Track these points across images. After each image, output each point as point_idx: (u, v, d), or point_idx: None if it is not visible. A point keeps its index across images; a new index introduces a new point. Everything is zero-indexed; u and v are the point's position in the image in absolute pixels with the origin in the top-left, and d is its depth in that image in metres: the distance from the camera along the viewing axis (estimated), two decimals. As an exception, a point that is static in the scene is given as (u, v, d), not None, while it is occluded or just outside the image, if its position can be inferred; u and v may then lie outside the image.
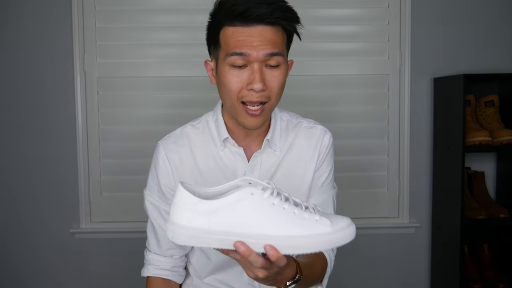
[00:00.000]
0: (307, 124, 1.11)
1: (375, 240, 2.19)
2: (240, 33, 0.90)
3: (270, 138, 1.04)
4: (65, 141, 2.09)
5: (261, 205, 0.71)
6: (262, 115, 0.95)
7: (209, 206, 0.71)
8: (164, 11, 2.08)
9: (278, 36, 0.92)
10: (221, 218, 0.71)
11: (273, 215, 0.71)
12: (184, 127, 1.10)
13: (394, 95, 2.13)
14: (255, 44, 0.89)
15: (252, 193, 0.71)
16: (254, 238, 0.71)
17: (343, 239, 0.74)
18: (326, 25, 2.11)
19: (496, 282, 1.98)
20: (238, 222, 0.71)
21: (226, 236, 0.71)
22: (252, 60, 0.90)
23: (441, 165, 2.08)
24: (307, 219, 0.73)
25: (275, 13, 0.89)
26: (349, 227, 0.75)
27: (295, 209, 0.73)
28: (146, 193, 1.09)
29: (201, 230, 0.71)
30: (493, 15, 2.13)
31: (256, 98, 0.92)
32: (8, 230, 2.12)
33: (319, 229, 0.72)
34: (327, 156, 1.09)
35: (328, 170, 1.10)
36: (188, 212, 0.72)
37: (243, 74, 0.92)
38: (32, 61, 2.07)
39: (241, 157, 1.04)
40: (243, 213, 0.71)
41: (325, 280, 1.02)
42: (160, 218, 1.07)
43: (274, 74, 0.93)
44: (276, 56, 0.91)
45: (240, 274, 1.08)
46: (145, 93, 2.10)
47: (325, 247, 0.73)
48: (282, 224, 0.71)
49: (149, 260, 1.11)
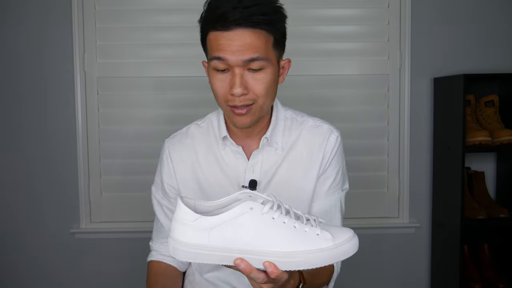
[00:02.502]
0: (313, 122, 1.08)
1: (375, 240, 2.19)
2: (221, 37, 0.88)
3: (269, 136, 1.03)
4: (65, 141, 2.09)
5: (260, 220, 0.70)
6: (249, 114, 0.94)
7: (209, 222, 0.70)
8: (164, 11, 2.08)
9: (259, 39, 0.88)
10: (220, 234, 0.70)
11: (273, 230, 0.70)
12: (190, 126, 1.11)
13: (394, 95, 2.13)
14: (234, 49, 0.87)
15: (252, 208, 0.70)
16: (253, 254, 0.70)
17: (345, 253, 0.72)
18: (326, 25, 2.11)
19: (496, 282, 1.98)
20: (237, 238, 0.70)
21: (226, 252, 0.70)
22: (232, 65, 0.89)
23: (441, 165, 2.08)
24: (308, 233, 0.71)
25: (253, 17, 0.86)
26: (351, 240, 0.73)
27: (295, 223, 0.71)
28: (153, 189, 1.14)
29: (201, 247, 0.71)
30: (493, 15, 2.13)
31: (239, 102, 0.91)
32: (8, 230, 2.12)
33: (320, 244, 0.71)
34: (334, 158, 1.06)
35: (335, 172, 1.07)
36: (188, 228, 0.71)
37: (226, 78, 0.91)
38: (32, 61, 2.07)
39: (241, 156, 1.04)
40: (242, 228, 0.70)
41: (331, 284, 1.03)
42: (162, 214, 1.12)
43: (257, 78, 0.91)
44: (257, 61, 0.89)
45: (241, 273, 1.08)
46: (145, 93, 2.10)
47: (327, 262, 0.71)
48: (282, 239, 0.70)
49: (153, 247, 1.16)
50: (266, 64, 0.91)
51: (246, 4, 0.86)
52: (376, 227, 2.16)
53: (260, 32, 0.89)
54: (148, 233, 1.20)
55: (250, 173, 1.03)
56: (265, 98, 0.94)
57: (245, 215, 0.70)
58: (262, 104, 0.94)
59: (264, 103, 0.95)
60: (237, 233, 0.70)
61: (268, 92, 0.94)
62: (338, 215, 1.08)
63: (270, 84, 0.93)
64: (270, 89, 0.94)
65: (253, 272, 0.71)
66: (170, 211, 1.10)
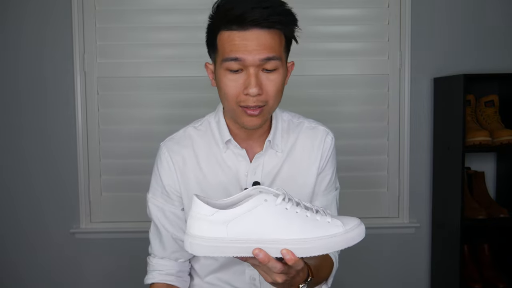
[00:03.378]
0: (309, 124, 1.10)
1: (375, 240, 2.18)
2: (236, 37, 0.88)
3: (272, 139, 1.04)
4: (65, 141, 2.09)
5: (275, 210, 0.73)
6: (260, 116, 0.94)
7: (226, 216, 0.73)
8: (164, 11, 2.08)
9: (275, 39, 0.90)
10: (238, 226, 0.73)
11: (287, 220, 0.74)
12: (186, 128, 1.09)
13: (394, 95, 2.13)
14: (251, 49, 0.88)
15: (266, 200, 0.74)
16: (271, 243, 0.73)
17: (355, 238, 0.77)
18: (326, 25, 2.11)
19: (496, 282, 1.98)
20: (255, 229, 0.73)
21: (244, 243, 0.73)
22: (248, 65, 0.89)
23: (441, 165, 2.08)
24: (319, 221, 0.75)
25: (271, 17, 0.87)
26: (359, 226, 0.78)
27: (307, 213, 0.75)
28: (149, 196, 1.09)
29: (219, 240, 0.73)
30: (493, 15, 2.13)
31: (252, 102, 0.91)
32: (8, 230, 2.12)
33: (332, 230, 0.75)
34: (330, 158, 1.09)
35: (331, 172, 1.10)
36: (205, 223, 0.73)
37: (240, 78, 0.91)
38: (32, 61, 2.07)
39: (244, 159, 1.03)
40: (259, 219, 0.73)
41: (330, 280, 1.03)
42: (164, 220, 1.07)
43: (270, 78, 0.92)
44: (272, 61, 0.90)
45: (242, 273, 1.08)
46: (145, 93, 2.10)
47: (340, 247, 0.76)
48: (296, 228, 0.74)
49: (154, 266, 1.09)
50: (279, 65, 0.92)
51: (264, 5, 0.87)
52: (376, 227, 2.16)
53: (275, 33, 0.90)
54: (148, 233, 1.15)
55: (252, 176, 1.03)
56: (275, 99, 0.95)
57: (260, 207, 0.73)
58: (272, 106, 0.95)
59: (274, 105, 0.96)
60: (253, 224, 0.73)
61: (279, 94, 0.95)
62: (335, 212, 1.11)
63: (281, 85, 0.94)
64: (280, 91, 0.95)
65: (271, 261, 0.73)
66: (175, 216, 1.06)
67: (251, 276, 1.07)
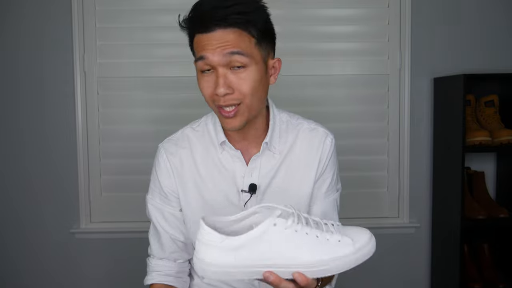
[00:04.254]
0: (308, 125, 1.08)
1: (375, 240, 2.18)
2: (203, 39, 0.91)
3: (269, 141, 1.03)
4: (65, 141, 2.09)
5: (285, 235, 0.73)
6: (238, 116, 0.93)
7: (235, 243, 0.73)
8: (164, 11, 2.08)
9: (241, 37, 0.89)
10: (246, 253, 0.72)
11: (297, 243, 0.73)
12: (184, 129, 1.09)
13: (394, 95, 2.13)
14: (215, 47, 0.89)
15: (275, 224, 0.73)
16: (281, 267, 0.73)
17: (366, 256, 0.78)
18: (326, 25, 2.11)
19: (496, 282, 1.98)
20: (264, 255, 0.73)
21: (254, 268, 0.73)
22: (215, 65, 0.90)
23: (441, 165, 2.08)
24: (330, 241, 0.75)
25: (231, 17, 0.87)
26: (370, 241, 0.79)
27: (317, 232, 0.75)
28: (148, 197, 1.09)
29: (228, 267, 0.73)
30: (494, 15, 2.13)
31: (223, 102, 0.91)
32: (8, 230, 2.12)
33: (343, 250, 0.75)
34: (329, 161, 1.07)
35: (331, 174, 1.08)
36: (215, 250, 0.73)
37: (211, 79, 0.92)
38: (32, 61, 2.07)
39: (239, 160, 1.03)
40: (268, 245, 0.72)
41: (334, 281, 1.04)
42: (163, 221, 1.07)
43: (241, 76, 0.90)
44: (236, 55, 0.89)
45: None
46: (145, 93, 2.10)
47: (350, 266, 0.76)
48: (307, 250, 0.73)
49: (153, 267, 1.09)
50: (249, 62, 0.90)
51: (225, 4, 0.88)
52: (376, 227, 2.16)
53: (240, 32, 0.90)
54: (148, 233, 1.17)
55: (248, 177, 1.02)
56: (252, 97, 0.92)
57: (269, 232, 0.72)
58: (250, 104, 0.93)
59: (252, 103, 0.93)
60: (263, 250, 0.72)
61: (255, 92, 0.92)
62: (336, 215, 1.10)
63: (256, 83, 0.92)
64: (257, 89, 0.92)
65: (283, 283, 0.74)
66: (173, 217, 1.07)
67: None
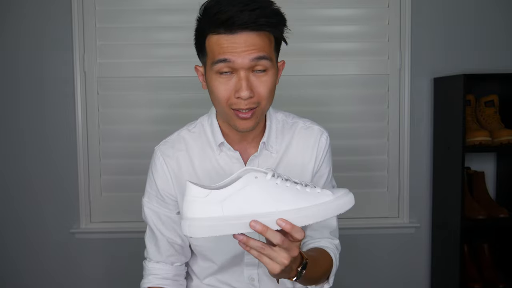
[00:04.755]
0: (303, 124, 1.09)
1: (375, 240, 2.19)
2: (224, 40, 0.87)
3: (266, 141, 1.03)
4: (65, 141, 2.09)
5: (266, 185, 0.78)
6: (253, 118, 0.94)
7: (220, 195, 0.76)
8: (164, 11, 2.08)
9: (264, 41, 0.89)
10: (232, 204, 0.76)
11: (279, 193, 0.78)
12: (180, 131, 1.09)
13: (394, 95, 2.13)
14: (240, 50, 0.87)
15: (256, 177, 0.78)
16: (266, 217, 0.76)
17: (346, 205, 0.82)
18: (326, 25, 2.11)
19: (496, 282, 1.98)
20: (248, 204, 0.76)
21: (240, 219, 0.76)
22: (238, 67, 0.88)
23: (441, 165, 2.08)
24: (310, 193, 0.80)
25: (259, 20, 0.86)
26: (348, 194, 0.83)
27: (297, 186, 0.80)
28: (144, 200, 1.09)
29: (216, 219, 0.76)
30: (493, 15, 2.13)
31: (244, 105, 0.90)
32: (8, 230, 2.12)
33: (322, 198, 0.80)
34: (325, 158, 1.09)
35: (327, 171, 1.10)
36: (201, 204, 0.77)
37: (230, 81, 0.90)
38: (32, 61, 2.07)
39: (238, 161, 1.03)
40: (252, 195, 0.77)
41: (331, 278, 1.03)
42: (160, 224, 1.07)
43: (261, 80, 0.91)
44: (262, 60, 0.89)
45: (241, 273, 1.08)
46: (145, 93, 2.10)
47: (332, 213, 0.80)
48: (288, 199, 0.78)
49: (150, 270, 1.09)
50: (270, 65, 0.91)
51: (252, 7, 0.86)
52: (376, 227, 2.16)
53: (264, 34, 0.89)
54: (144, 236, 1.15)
55: None
56: (267, 100, 0.94)
57: (251, 184, 0.77)
58: (264, 107, 0.94)
59: (266, 106, 0.95)
60: (247, 200, 0.77)
61: (271, 95, 0.94)
62: None
63: (272, 86, 0.93)
64: (272, 92, 0.94)
65: (269, 231, 0.76)
66: (170, 219, 1.06)
67: (249, 276, 1.08)
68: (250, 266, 1.07)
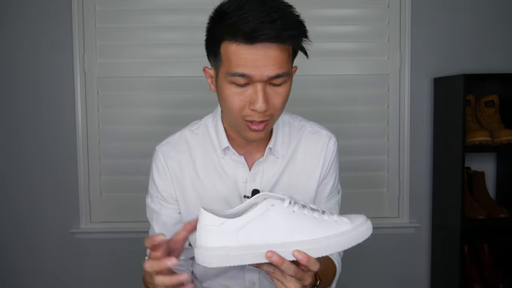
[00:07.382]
0: (311, 128, 1.07)
1: (375, 240, 2.16)
2: (242, 51, 0.83)
3: (273, 146, 1.01)
4: (65, 141, 2.09)
5: (283, 214, 0.74)
6: (265, 130, 0.92)
7: (235, 224, 0.73)
8: (164, 11, 2.08)
9: (284, 54, 0.85)
10: (248, 233, 0.73)
11: (296, 222, 0.75)
12: (183, 132, 1.07)
13: (394, 95, 2.13)
14: (259, 64, 0.83)
15: (273, 204, 0.74)
16: (283, 247, 0.73)
17: (364, 235, 0.78)
18: (326, 25, 2.11)
19: (496, 282, 1.98)
20: (265, 233, 0.73)
21: (256, 249, 0.73)
22: (255, 80, 0.84)
23: (441, 165, 2.08)
24: (327, 221, 0.76)
25: (282, 34, 0.82)
26: (366, 222, 0.79)
27: (314, 214, 0.77)
28: (147, 200, 1.08)
29: (231, 249, 0.73)
30: (493, 15, 2.13)
31: (258, 118, 0.87)
32: (8, 230, 2.12)
33: (340, 228, 0.76)
34: (333, 163, 1.07)
35: (334, 177, 1.08)
36: (216, 233, 0.73)
37: (245, 92, 0.86)
38: (32, 61, 2.07)
39: (243, 165, 1.01)
40: (268, 224, 0.73)
41: (333, 285, 1.03)
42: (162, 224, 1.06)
43: (278, 92, 0.88)
44: (281, 77, 0.86)
45: (241, 277, 1.07)
46: (145, 93, 2.10)
47: (349, 244, 0.77)
48: (306, 229, 0.75)
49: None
50: (287, 78, 0.88)
51: (273, 17, 0.81)
52: (376, 227, 2.13)
53: (284, 47, 0.86)
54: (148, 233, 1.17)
55: (251, 183, 1.01)
56: (280, 111, 0.92)
57: (269, 212, 0.74)
58: (276, 118, 0.93)
59: (278, 116, 0.93)
60: (263, 230, 0.73)
61: (284, 106, 0.91)
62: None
63: (287, 97, 0.91)
64: (285, 103, 0.91)
65: (285, 263, 0.73)
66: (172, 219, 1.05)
67: (250, 280, 1.06)
68: (251, 270, 1.06)
